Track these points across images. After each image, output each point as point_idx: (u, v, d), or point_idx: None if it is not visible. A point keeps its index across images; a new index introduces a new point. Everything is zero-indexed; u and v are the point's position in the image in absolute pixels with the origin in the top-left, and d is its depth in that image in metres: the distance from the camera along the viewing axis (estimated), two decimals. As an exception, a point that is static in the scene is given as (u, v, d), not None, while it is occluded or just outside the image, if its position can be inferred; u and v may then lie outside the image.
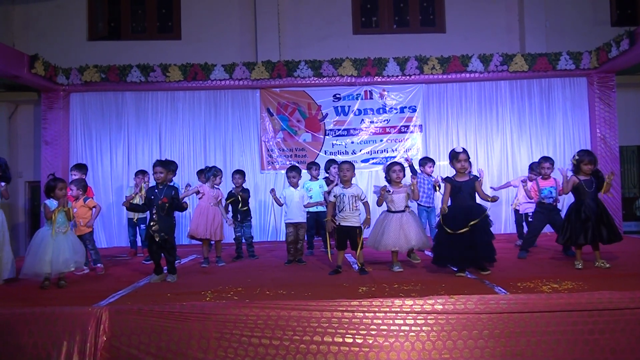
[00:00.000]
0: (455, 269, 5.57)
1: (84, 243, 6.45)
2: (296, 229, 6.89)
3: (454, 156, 5.63)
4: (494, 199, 5.63)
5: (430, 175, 7.95)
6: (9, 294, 5.24)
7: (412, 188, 5.96)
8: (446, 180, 5.65)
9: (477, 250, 5.38)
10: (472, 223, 5.29)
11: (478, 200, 5.69)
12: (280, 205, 7.17)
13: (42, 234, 5.56)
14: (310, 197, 7.30)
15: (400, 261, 6.04)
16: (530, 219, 7.36)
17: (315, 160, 8.91)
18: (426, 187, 7.81)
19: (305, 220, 6.99)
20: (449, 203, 5.60)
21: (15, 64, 8.48)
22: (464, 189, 5.50)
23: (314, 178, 7.54)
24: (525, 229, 7.69)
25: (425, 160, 8.11)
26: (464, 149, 5.69)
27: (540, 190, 6.84)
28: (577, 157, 5.85)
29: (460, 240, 5.34)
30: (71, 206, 6.40)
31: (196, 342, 4.12)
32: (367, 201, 6.01)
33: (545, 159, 7.04)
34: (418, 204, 7.88)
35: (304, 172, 7.60)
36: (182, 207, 5.84)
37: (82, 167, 7.55)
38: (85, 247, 6.43)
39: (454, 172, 5.70)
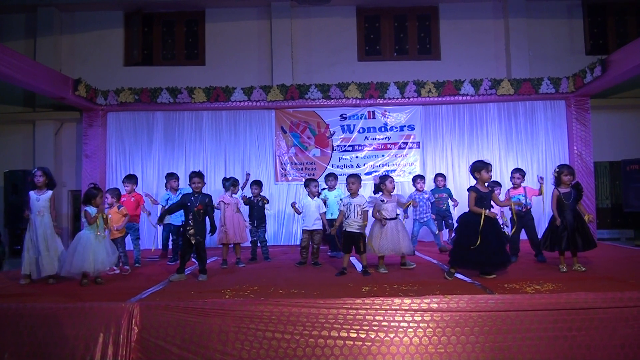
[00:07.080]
0: (446, 269, 5.54)
1: (116, 246, 6.44)
2: (311, 235, 6.87)
3: (483, 167, 5.36)
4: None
5: (423, 191, 7.91)
6: (56, 289, 5.28)
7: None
8: (471, 189, 5.36)
9: (500, 255, 5.24)
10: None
11: (495, 208, 5.72)
12: (299, 214, 7.11)
13: (84, 237, 5.52)
14: (327, 207, 7.24)
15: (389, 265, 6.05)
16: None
17: (324, 173, 8.88)
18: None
19: (320, 228, 6.90)
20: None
21: (62, 87, 8.59)
22: (486, 198, 5.33)
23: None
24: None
25: (416, 178, 8.03)
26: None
27: (510, 198, 6.57)
28: (557, 170, 5.84)
29: (487, 245, 5.14)
30: (107, 213, 6.38)
31: (216, 335, 4.13)
32: (366, 210, 5.99)
33: (516, 170, 6.92)
34: (413, 218, 7.91)
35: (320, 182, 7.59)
36: (212, 212, 5.94)
37: (132, 178, 7.52)
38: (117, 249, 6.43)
39: (475, 182, 5.45)
